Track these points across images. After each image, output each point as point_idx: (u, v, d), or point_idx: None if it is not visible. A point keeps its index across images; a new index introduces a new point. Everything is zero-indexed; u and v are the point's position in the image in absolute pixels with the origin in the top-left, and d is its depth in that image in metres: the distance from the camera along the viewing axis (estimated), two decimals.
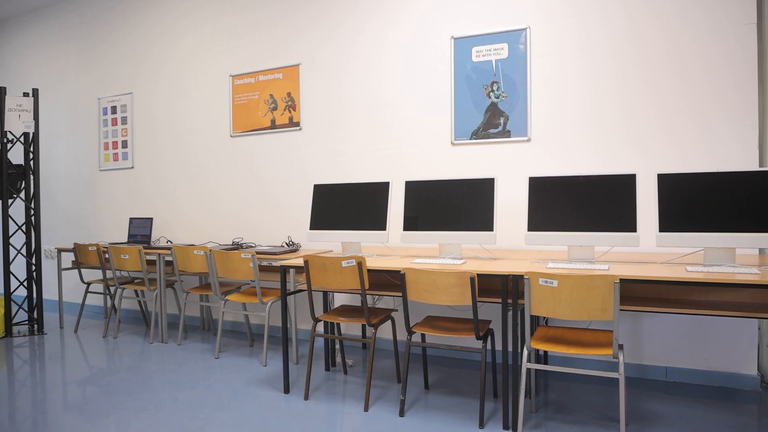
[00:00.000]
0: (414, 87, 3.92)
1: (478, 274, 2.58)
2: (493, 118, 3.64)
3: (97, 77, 5.62)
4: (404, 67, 3.95)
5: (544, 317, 3.28)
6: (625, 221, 2.67)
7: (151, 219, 4.99)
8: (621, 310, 2.72)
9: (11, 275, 4.77)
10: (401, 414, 2.78)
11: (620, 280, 2.26)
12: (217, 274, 3.90)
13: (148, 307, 5.29)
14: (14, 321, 5.06)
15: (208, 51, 4.87)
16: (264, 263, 3.94)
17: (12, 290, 4.81)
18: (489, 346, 3.54)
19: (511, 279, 2.53)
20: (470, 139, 3.72)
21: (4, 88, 4.65)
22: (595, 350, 2.36)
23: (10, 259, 4.69)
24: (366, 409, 2.86)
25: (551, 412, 2.81)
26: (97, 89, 5.63)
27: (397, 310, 3.38)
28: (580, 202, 2.77)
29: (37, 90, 4.79)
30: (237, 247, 4.27)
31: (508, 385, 2.60)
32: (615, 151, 3.33)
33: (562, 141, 3.46)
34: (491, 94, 3.64)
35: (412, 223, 3.16)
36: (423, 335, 3.18)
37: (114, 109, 5.51)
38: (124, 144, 5.45)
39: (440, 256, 3.08)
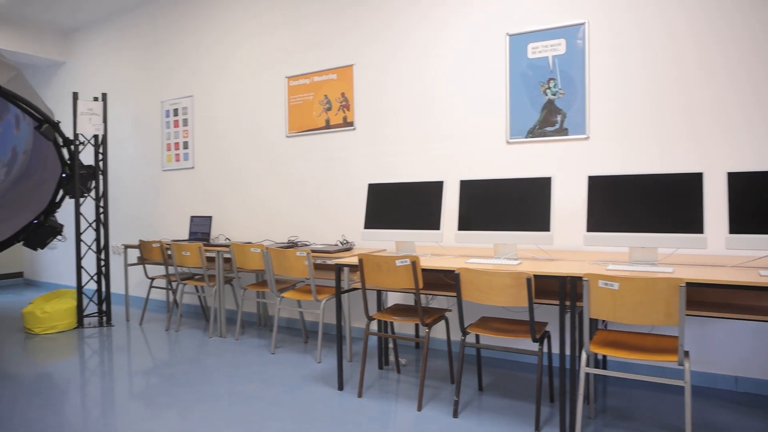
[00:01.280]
0: (468, 85, 3.88)
1: (534, 275, 2.53)
2: (549, 115, 3.56)
3: (160, 81, 5.86)
4: (458, 65, 3.92)
5: (603, 320, 3.18)
6: (692, 222, 2.55)
7: (211, 217, 5.16)
8: (687, 315, 2.61)
9: (82, 270, 5.05)
10: (455, 415, 2.76)
11: (686, 283, 2.16)
12: (273, 271, 3.99)
13: (207, 303, 5.47)
14: (85, 313, 5.35)
15: (264, 53, 4.98)
16: (318, 261, 4.00)
17: (83, 284, 5.09)
18: (545, 349, 3.46)
19: (569, 281, 2.46)
20: (526, 137, 3.65)
21: (77, 93, 4.92)
22: (659, 356, 2.27)
23: (82, 255, 4.97)
24: (419, 408, 2.86)
25: (611, 418, 2.72)
26: (160, 92, 5.87)
27: (450, 310, 3.36)
28: (643, 202, 2.66)
29: (106, 94, 5.03)
30: (292, 245, 4.35)
31: (565, 389, 2.53)
32: (679, 149, 3.18)
33: (622, 139, 3.34)
34: (548, 91, 3.56)
35: (466, 222, 3.13)
36: (477, 336, 3.15)
37: (176, 112, 5.73)
38: (185, 145, 5.66)
39: (495, 257, 3.04)
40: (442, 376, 3.41)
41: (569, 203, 3.53)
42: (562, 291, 2.48)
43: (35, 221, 5.16)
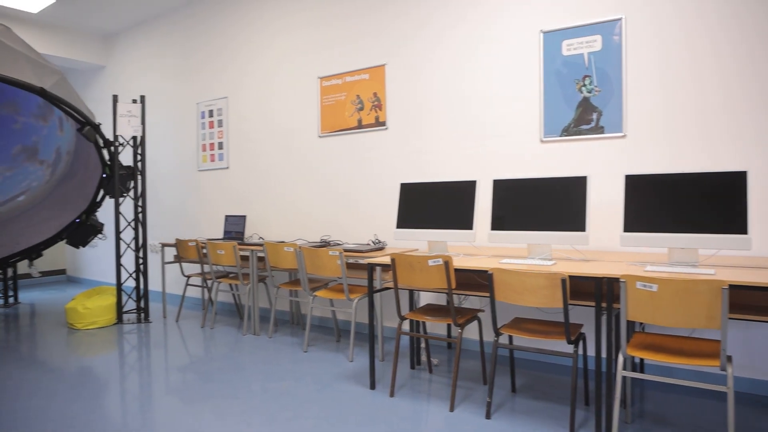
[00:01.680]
0: (501, 84, 3.84)
1: (569, 276, 2.48)
2: (585, 113, 3.49)
3: (196, 83, 5.98)
4: (491, 64, 3.88)
5: (641, 323, 3.10)
6: (734, 222, 2.47)
7: (245, 216, 5.23)
8: (730, 318, 2.53)
9: (122, 267, 5.20)
10: (488, 416, 2.74)
11: (729, 285, 2.09)
12: (306, 270, 4.02)
13: (241, 301, 5.56)
14: (124, 309, 5.50)
15: (297, 54, 5.03)
16: (351, 261, 4.02)
17: (122, 281, 5.23)
18: (581, 352, 3.40)
19: (606, 282, 2.41)
20: (560, 135, 3.59)
21: (116, 95, 5.06)
22: (700, 361, 2.20)
23: (121, 253, 5.11)
24: (451, 409, 2.84)
25: (648, 423, 2.65)
26: (196, 94, 5.99)
27: (483, 311, 3.34)
28: (682, 202, 2.59)
29: (144, 97, 5.16)
30: (325, 244, 4.39)
31: (601, 393, 2.48)
32: (721, 148, 3.08)
33: (661, 137, 3.26)
34: (583, 88, 3.50)
35: (499, 222, 3.10)
36: (510, 337, 3.12)
37: (211, 113, 5.83)
38: (220, 145, 5.76)
39: (529, 257, 3.00)
40: (475, 377, 3.39)
41: (604, 203, 3.46)
42: (598, 292, 2.43)
43: (77, 220, 5.34)
